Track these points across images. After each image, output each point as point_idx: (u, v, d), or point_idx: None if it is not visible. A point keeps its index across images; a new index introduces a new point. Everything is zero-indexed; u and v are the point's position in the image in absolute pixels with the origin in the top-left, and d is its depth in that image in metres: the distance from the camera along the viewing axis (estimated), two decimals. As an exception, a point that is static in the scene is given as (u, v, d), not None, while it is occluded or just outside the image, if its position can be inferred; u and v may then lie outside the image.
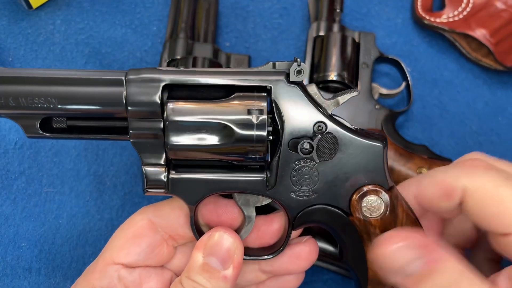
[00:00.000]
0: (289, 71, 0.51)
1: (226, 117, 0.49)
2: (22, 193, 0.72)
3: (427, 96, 0.81)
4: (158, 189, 0.51)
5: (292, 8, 0.85)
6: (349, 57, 0.75)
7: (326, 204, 0.52)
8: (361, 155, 0.52)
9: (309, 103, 0.51)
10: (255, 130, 0.49)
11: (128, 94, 0.49)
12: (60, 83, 0.49)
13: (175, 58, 0.73)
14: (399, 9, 0.85)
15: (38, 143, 0.74)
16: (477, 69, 0.82)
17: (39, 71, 0.50)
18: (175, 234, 0.55)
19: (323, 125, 0.51)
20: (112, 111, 0.49)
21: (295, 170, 0.51)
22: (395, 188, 0.53)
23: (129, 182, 0.73)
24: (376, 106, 0.74)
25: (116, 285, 0.53)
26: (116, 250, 0.54)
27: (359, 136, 0.52)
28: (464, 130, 0.79)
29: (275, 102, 0.51)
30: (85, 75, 0.49)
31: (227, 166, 0.52)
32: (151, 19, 0.83)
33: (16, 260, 0.69)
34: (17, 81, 0.49)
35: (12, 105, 0.49)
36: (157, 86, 0.49)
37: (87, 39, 0.80)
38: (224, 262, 0.51)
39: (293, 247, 0.56)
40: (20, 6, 0.81)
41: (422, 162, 0.71)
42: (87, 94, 0.49)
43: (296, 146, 0.50)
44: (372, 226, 0.52)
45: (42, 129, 0.50)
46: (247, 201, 0.54)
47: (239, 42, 0.82)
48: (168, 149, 0.50)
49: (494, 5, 0.80)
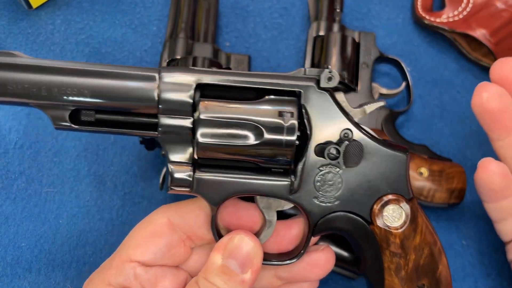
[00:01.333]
0: (319, 78, 0.51)
1: (257, 118, 0.50)
2: (22, 193, 0.72)
3: (427, 96, 0.81)
4: (182, 188, 0.51)
5: (292, 8, 0.85)
6: (349, 57, 0.75)
7: (347, 211, 0.53)
8: (384, 164, 0.52)
9: (338, 110, 0.52)
10: (285, 134, 0.50)
11: (161, 91, 0.49)
12: (94, 76, 0.49)
13: (175, 58, 0.73)
14: (399, 9, 0.85)
15: (38, 143, 0.74)
16: (477, 69, 0.82)
17: (73, 63, 0.50)
18: (193, 235, 0.55)
19: (349, 132, 0.51)
20: (143, 106, 0.50)
21: (319, 175, 0.52)
22: (415, 199, 0.54)
23: (129, 182, 0.73)
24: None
25: (131, 282, 0.52)
26: (133, 247, 0.53)
27: (384, 145, 0.53)
28: (464, 130, 0.79)
29: (304, 107, 0.51)
30: (119, 69, 0.50)
31: (251, 169, 0.52)
32: (151, 19, 0.83)
33: (16, 260, 0.69)
34: (51, 71, 0.49)
35: (44, 95, 0.49)
36: (190, 84, 0.50)
37: (87, 39, 0.80)
38: (243, 266, 0.51)
39: (311, 254, 0.56)
40: (20, 6, 0.81)
41: (422, 162, 0.71)
42: (119, 88, 0.49)
43: (322, 152, 0.51)
44: (392, 236, 0.53)
45: (71, 121, 0.50)
46: (269, 204, 0.54)
47: (239, 42, 0.82)
48: (198, 148, 0.50)
49: (494, 5, 0.80)
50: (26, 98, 0.49)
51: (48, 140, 0.74)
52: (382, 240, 0.53)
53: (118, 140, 0.75)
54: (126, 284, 0.53)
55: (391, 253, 0.53)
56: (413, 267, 0.54)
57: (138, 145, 0.75)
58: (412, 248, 0.54)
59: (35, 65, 0.49)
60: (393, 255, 0.53)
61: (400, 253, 0.53)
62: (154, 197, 0.73)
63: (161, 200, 0.73)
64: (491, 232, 0.72)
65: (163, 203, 0.72)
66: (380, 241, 0.53)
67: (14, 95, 0.49)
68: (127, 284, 0.53)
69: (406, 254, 0.53)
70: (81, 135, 0.75)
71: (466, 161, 0.76)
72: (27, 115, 0.75)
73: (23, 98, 0.49)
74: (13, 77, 0.49)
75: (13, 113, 0.75)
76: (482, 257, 0.72)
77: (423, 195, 0.71)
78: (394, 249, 0.53)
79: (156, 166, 0.74)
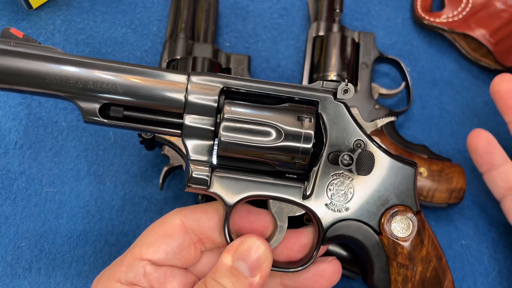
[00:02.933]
0: (336, 90, 0.54)
1: (277, 121, 0.52)
2: (22, 193, 0.72)
3: (427, 96, 0.81)
4: (200, 186, 0.52)
5: (292, 8, 0.85)
6: (348, 57, 0.75)
7: (357, 220, 0.54)
8: (394, 176, 0.54)
9: (352, 121, 0.54)
10: (302, 139, 0.52)
11: (189, 93, 0.52)
12: (128, 74, 0.52)
13: (175, 58, 0.73)
14: (398, 9, 0.86)
15: (39, 143, 0.74)
16: (476, 69, 0.82)
17: (108, 61, 0.53)
18: (204, 237, 0.55)
19: (362, 142, 0.54)
20: (170, 106, 0.52)
21: (331, 183, 0.54)
22: (422, 212, 0.55)
23: (129, 182, 0.74)
24: (375, 106, 0.74)
25: (141, 280, 0.53)
26: (145, 246, 0.54)
27: (394, 158, 0.55)
28: (464, 130, 0.79)
29: (321, 115, 0.53)
30: (151, 70, 0.52)
31: (267, 172, 0.54)
32: (151, 19, 0.83)
33: (16, 259, 0.69)
34: (88, 66, 0.51)
35: (79, 87, 0.51)
36: (216, 87, 0.52)
37: (87, 39, 0.80)
38: (252, 270, 0.51)
39: (318, 265, 0.57)
40: (20, 6, 0.81)
41: (421, 162, 0.71)
42: (150, 88, 0.52)
43: (336, 159, 0.53)
44: (399, 246, 0.54)
45: (100, 115, 0.52)
46: (281, 209, 0.55)
47: (239, 42, 0.83)
48: (220, 146, 0.52)
49: (493, 5, 0.80)
50: (61, 90, 0.51)
51: (48, 140, 0.75)
52: (389, 251, 0.54)
53: (118, 140, 0.75)
54: (135, 282, 0.53)
55: (398, 264, 0.54)
56: (419, 279, 0.55)
57: (138, 145, 0.75)
58: (419, 260, 0.55)
59: (74, 60, 0.52)
60: (400, 266, 0.54)
61: (407, 264, 0.54)
62: (154, 197, 0.73)
63: (161, 200, 0.73)
64: (490, 232, 0.72)
65: (163, 203, 0.73)
66: (388, 252, 0.54)
67: (51, 87, 0.51)
68: (136, 281, 0.53)
69: (413, 266, 0.54)
70: (81, 135, 0.75)
71: (466, 161, 0.77)
72: (27, 115, 0.75)
73: (58, 91, 0.51)
74: (52, 70, 0.51)
75: (13, 113, 0.75)
76: (481, 257, 0.72)
77: (423, 195, 0.71)
78: (401, 260, 0.54)
79: (156, 166, 0.74)
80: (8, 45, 0.51)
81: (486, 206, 0.75)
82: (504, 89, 0.68)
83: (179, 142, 0.66)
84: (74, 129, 0.75)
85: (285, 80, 0.81)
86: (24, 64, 0.51)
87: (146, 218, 0.72)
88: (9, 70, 0.51)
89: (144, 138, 0.67)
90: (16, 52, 0.51)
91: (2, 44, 0.51)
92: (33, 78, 0.51)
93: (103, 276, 0.55)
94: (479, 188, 0.76)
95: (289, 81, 0.81)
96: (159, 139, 0.67)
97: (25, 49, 0.51)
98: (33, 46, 0.52)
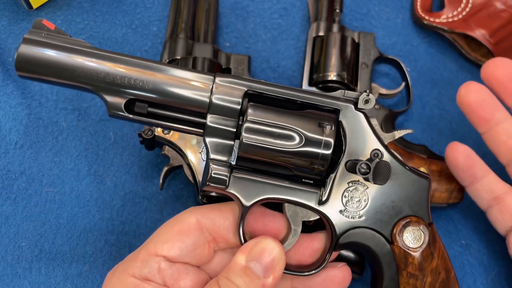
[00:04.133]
0: (357, 100, 0.55)
1: (298, 126, 0.53)
2: (22, 193, 0.72)
3: (427, 96, 0.81)
4: (218, 185, 0.53)
5: (292, 8, 0.85)
6: (348, 57, 0.75)
7: (370, 228, 0.55)
8: (409, 187, 0.55)
9: (370, 131, 0.55)
10: (322, 148, 0.52)
11: (214, 93, 0.53)
12: (157, 72, 0.53)
13: (175, 58, 0.73)
14: (398, 9, 0.86)
15: (39, 143, 0.74)
16: (476, 69, 0.82)
17: (139, 58, 0.53)
18: (218, 237, 0.56)
19: (379, 152, 0.55)
20: (195, 106, 0.53)
21: (347, 190, 0.54)
22: (433, 225, 0.56)
23: (129, 182, 0.74)
24: (375, 106, 0.74)
25: (155, 275, 0.54)
26: (160, 242, 0.54)
27: (409, 170, 0.56)
28: (464, 130, 0.79)
29: (342, 123, 0.54)
30: (178, 69, 0.53)
31: (284, 176, 0.54)
32: (151, 20, 0.83)
33: (17, 259, 0.69)
34: (119, 61, 0.52)
35: (107, 81, 0.52)
36: (241, 89, 0.53)
37: (87, 39, 0.80)
38: (266, 271, 0.52)
39: (328, 270, 0.57)
40: (21, 6, 0.82)
41: (421, 162, 0.71)
42: (177, 87, 0.53)
43: (353, 167, 0.53)
44: (410, 256, 0.55)
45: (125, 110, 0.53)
46: (296, 213, 0.56)
47: (239, 42, 0.83)
48: (241, 147, 0.52)
49: (493, 5, 0.80)
50: (89, 84, 0.52)
51: (48, 140, 0.75)
52: (400, 261, 0.55)
53: (118, 140, 0.75)
54: (150, 277, 0.53)
55: (408, 274, 0.55)
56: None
57: (138, 145, 0.75)
58: (428, 271, 0.55)
59: (103, 54, 0.52)
60: (410, 276, 0.55)
61: (417, 274, 0.55)
62: (154, 197, 0.73)
63: (161, 200, 0.73)
64: (490, 231, 0.72)
65: (163, 203, 0.73)
66: (398, 261, 0.55)
67: (79, 79, 0.52)
68: (151, 277, 0.54)
69: (423, 276, 0.55)
70: (81, 135, 0.75)
71: (466, 161, 0.77)
72: (27, 115, 0.75)
73: (86, 83, 0.52)
74: (81, 63, 0.52)
75: (13, 113, 0.75)
76: (481, 257, 0.73)
77: (423, 195, 0.71)
78: (411, 270, 0.55)
79: (156, 166, 0.74)
80: (40, 36, 0.52)
81: (486, 206, 0.75)
82: (473, 100, 0.66)
83: (179, 142, 0.66)
84: (74, 129, 0.75)
85: (285, 81, 0.81)
86: (55, 55, 0.51)
87: (146, 218, 0.72)
88: (40, 60, 0.51)
89: (144, 138, 0.67)
90: (47, 43, 0.52)
91: (34, 35, 0.52)
92: (63, 70, 0.52)
93: (117, 270, 0.55)
94: (479, 188, 0.76)
95: (289, 81, 0.81)
96: (159, 139, 0.67)
97: (56, 41, 0.52)
98: (64, 38, 0.53)
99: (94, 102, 0.77)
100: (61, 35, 0.53)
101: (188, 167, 0.66)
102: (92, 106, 0.76)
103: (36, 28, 0.52)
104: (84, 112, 0.76)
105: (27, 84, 0.77)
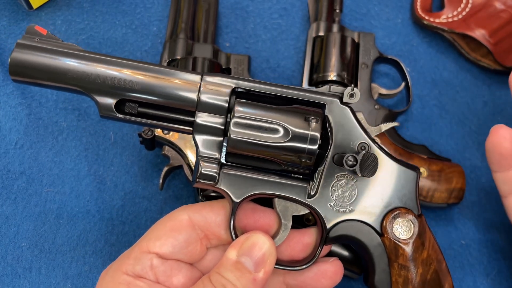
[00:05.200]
0: (342, 94, 0.55)
1: (285, 121, 0.53)
2: (22, 193, 0.72)
3: (427, 96, 0.81)
4: (208, 181, 0.54)
5: (292, 8, 0.85)
6: (348, 57, 0.75)
7: (360, 220, 0.55)
8: (397, 178, 0.56)
9: (357, 125, 0.56)
10: (308, 143, 0.53)
11: (202, 91, 0.54)
12: (145, 72, 0.54)
13: (175, 58, 0.73)
14: (398, 10, 0.86)
15: (39, 143, 0.74)
16: (476, 69, 0.82)
17: (129, 60, 0.55)
18: (210, 233, 0.56)
19: (366, 145, 0.55)
20: (184, 105, 0.54)
21: (336, 183, 0.55)
22: (423, 216, 0.57)
23: (129, 182, 0.74)
24: (375, 106, 0.74)
25: (147, 272, 0.54)
26: (153, 240, 0.55)
27: (396, 162, 0.56)
28: (464, 130, 0.79)
29: (327, 118, 0.55)
30: (166, 70, 0.54)
31: (273, 171, 0.55)
32: (151, 20, 0.83)
33: (17, 259, 0.69)
34: (109, 63, 0.53)
35: (98, 83, 0.53)
36: (228, 87, 0.54)
37: (87, 40, 0.81)
38: (257, 265, 0.52)
39: (320, 265, 0.58)
40: (21, 7, 0.82)
41: (421, 162, 0.71)
42: (165, 87, 0.54)
43: (340, 161, 0.54)
44: (401, 248, 0.55)
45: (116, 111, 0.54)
46: (286, 208, 0.56)
47: (239, 42, 0.83)
48: (229, 143, 0.53)
49: (493, 6, 0.80)
50: (80, 86, 0.53)
51: (48, 140, 0.75)
52: (391, 252, 0.55)
53: (118, 140, 0.75)
54: (142, 274, 0.54)
55: (400, 266, 0.55)
56: (420, 281, 0.55)
57: (138, 145, 0.75)
58: (419, 262, 0.55)
59: (94, 57, 0.54)
60: (401, 268, 0.55)
61: (408, 266, 0.55)
62: (154, 197, 0.73)
63: (161, 200, 0.73)
64: (490, 231, 0.72)
65: (163, 203, 0.73)
66: (389, 253, 0.55)
67: (71, 82, 0.53)
68: (143, 274, 0.54)
69: (414, 268, 0.55)
70: (81, 135, 0.75)
71: (465, 161, 0.77)
72: (27, 115, 0.75)
73: (78, 86, 0.53)
74: (73, 66, 0.53)
75: (13, 113, 0.75)
76: (481, 257, 0.73)
77: (423, 195, 0.71)
78: (402, 262, 0.55)
79: (156, 166, 0.74)
80: (33, 41, 0.53)
81: (486, 206, 0.75)
82: (507, 147, 0.62)
83: (179, 142, 0.66)
84: (74, 129, 0.75)
85: (285, 81, 0.81)
86: (47, 59, 0.53)
87: (146, 218, 0.72)
88: (33, 64, 0.53)
89: (144, 138, 0.67)
90: (40, 48, 0.53)
91: (27, 40, 0.53)
92: (55, 73, 0.53)
93: (111, 268, 0.56)
94: (479, 188, 0.76)
95: (289, 81, 0.81)
96: (159, 139, 0.67)
97: (48, 46, 0.53)
98: (56, 43, 0.54)
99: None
100: (53, 39, 0.54)
101: (188, 167, 0.66)
102: (92, 106, 0.76)
103: (29, 34, 0.54)
104: (84, 112, 0.76)
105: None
